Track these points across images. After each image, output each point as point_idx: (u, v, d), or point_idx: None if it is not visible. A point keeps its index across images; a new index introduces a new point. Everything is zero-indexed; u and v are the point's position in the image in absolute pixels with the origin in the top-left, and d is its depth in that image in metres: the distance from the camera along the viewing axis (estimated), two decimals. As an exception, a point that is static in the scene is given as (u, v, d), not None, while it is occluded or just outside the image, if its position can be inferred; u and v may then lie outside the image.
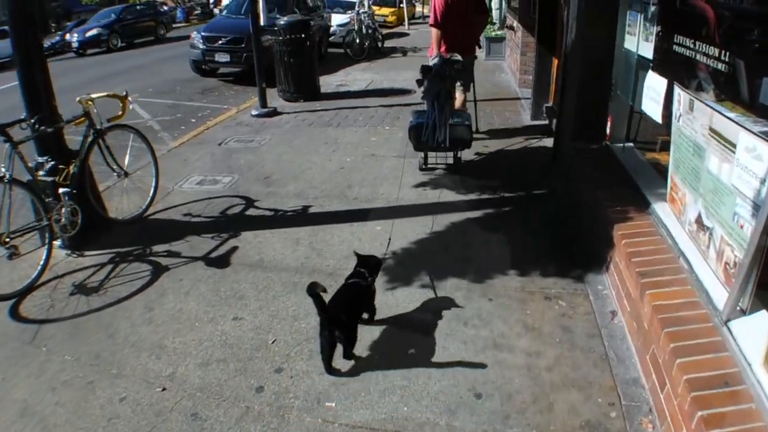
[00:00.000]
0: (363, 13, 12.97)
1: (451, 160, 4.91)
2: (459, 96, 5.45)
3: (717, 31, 2.40)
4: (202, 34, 10.44)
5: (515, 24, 8.88)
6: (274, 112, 7.24)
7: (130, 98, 4.04)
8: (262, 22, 7.04)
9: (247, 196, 4.55)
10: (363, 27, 12.70)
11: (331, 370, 2.48)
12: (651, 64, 3.10)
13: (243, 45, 9.80)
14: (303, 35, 7.63)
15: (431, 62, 4.93)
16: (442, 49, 5.21)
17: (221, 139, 6.27)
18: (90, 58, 16.25)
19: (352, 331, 2.51)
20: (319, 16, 12.78)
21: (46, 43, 21.50)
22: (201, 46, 10.30)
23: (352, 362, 2.54)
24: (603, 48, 3.76)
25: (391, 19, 19.64)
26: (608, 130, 3.95)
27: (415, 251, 3.57)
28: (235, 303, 3.09)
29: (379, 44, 13.34)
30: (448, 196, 4.41)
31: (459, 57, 4.96)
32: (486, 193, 4.43)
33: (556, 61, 6.25)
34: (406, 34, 17.09)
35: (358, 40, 12.34)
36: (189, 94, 9.56)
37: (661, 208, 2.87)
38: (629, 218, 2.98)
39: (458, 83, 5.29)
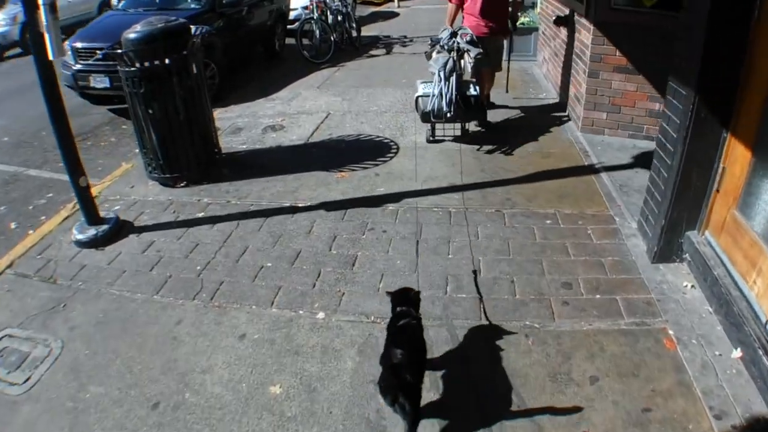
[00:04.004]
0: (329, -10, 8.96)
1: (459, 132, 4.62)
2: (487, 76, 5.06)
3: None
4: (73, 44, 6.52)
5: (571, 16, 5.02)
6: (116, 229, 3.53)
7: None
8: (51, 54, 3.15)
9: None
10: (328, 13, 8.74)
11: None
12: None
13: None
14: (168, 61, 3.83)
15: (440, 34, 4.66)
16: (472, 24, 4.75)
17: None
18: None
19: (418, 399, 1.93)
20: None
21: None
22: (72, 64, 6.42)
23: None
24: None
25: (377, -7, 15.40)
26: None
27: None
28: None
29: (353, 34, 9.37)
30: None
31: (469, 30, 4.61)
32: None
33: (739, 147, 2.49)
34: (395, 15, 12.93)
35: (318, 34, 8.39)
36: (50, 148, 5.76)
37: None
38: None
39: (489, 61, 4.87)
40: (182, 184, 4.15)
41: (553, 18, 5.45)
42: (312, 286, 2.85)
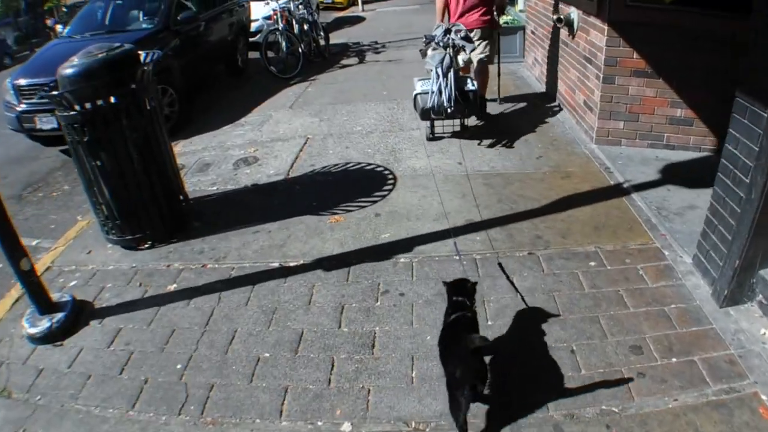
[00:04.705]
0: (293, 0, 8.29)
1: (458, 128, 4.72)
2: (480, 68, 4.92)
3: None
4: (14, 82, 5.66)
5: (574, 14, 4.55)
6: (73, 316, 2.81)
7: None
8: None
9: None
10: (294, 23, 8.09)
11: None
12: None
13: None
14: (114, 99, 3.15)
15: (434, 31, 4.57)
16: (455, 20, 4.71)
17: None
18: None
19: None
20: (227, 10, 7.99)
21: None
22: (16, 104, 5.54)
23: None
24: None
25: (340, -2, 14.83)
26: None
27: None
28: None
29: (322, 43, 8.75)
30: None
31: (462, 26, 4.49)
32: None
33: None
34: (360, 19, 12.35)
35: (284, 47, 7.73)
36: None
37: None
38: None
39: (481, 55, 4.83)
40: (146, 246, 3.47)
41: (554, 18, 4.96)
42: (327, 384, 2.25)
